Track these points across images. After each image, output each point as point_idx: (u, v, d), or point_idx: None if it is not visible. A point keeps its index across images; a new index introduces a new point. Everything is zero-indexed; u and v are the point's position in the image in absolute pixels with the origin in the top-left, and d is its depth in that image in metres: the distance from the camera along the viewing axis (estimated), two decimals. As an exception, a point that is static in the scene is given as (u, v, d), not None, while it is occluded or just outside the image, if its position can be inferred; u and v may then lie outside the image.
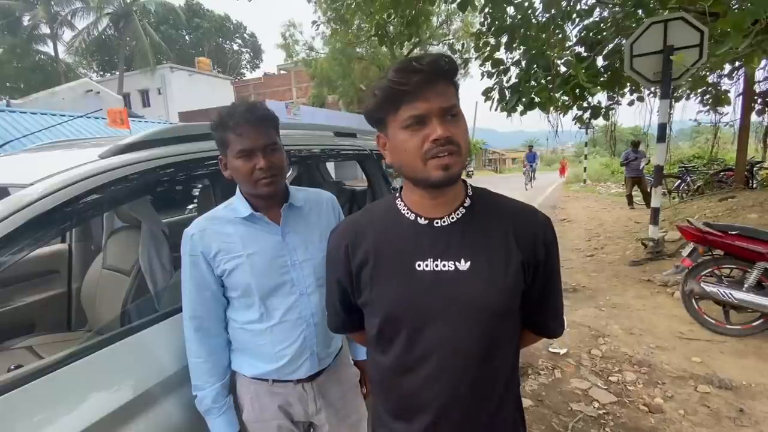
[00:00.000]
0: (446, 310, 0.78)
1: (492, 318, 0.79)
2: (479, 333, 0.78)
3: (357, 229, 0.87)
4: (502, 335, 0.82)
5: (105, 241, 1.88)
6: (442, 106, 0.71)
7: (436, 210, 0.81)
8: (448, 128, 0.71)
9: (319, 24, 12.79)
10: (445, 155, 0.72)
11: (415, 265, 0.79)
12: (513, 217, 0.82)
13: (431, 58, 0.72)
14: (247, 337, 1.13)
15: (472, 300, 0.77)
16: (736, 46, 3.02)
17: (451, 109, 0.72)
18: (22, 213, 0.93)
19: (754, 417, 2.28)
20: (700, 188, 8.73)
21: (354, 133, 2.31)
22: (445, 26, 19.58)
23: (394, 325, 0.81)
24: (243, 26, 39.10)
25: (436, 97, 0.71)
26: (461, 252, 0.78)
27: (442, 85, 0.72)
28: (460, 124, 0.74)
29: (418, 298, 0.78)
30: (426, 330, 0.79)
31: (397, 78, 0.71)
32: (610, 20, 5.42)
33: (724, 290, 3.12)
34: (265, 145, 1.05)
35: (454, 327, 0.78)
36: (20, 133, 6.89)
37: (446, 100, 0.72)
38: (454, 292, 0.77)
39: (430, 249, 0.79)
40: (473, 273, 0.77)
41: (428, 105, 0.71)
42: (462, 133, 0.74)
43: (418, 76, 0.70)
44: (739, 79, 7.26)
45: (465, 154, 0.74)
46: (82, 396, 0.96)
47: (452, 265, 0.78)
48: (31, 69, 26.79)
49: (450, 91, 0.73)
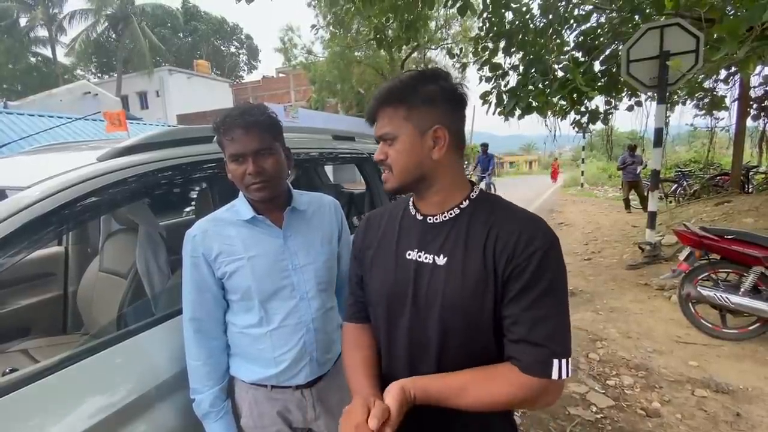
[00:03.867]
0: (419, 297, 0.84)
1: (456, 311, 0.80)
2: (444, 324, 0.81)
3: (374, 217, 1.00)
4: (474, 331, 0.79)
5: (102, 243, 1.87)
6: (377, 134, 0.85)
7: (428, 208, 0.88)
8: (384, 152, 0.84)
9: (318, 28, 12.83)
10: (383, 172, 0.87)
11: (405, 254, 0.87)
12: (500, 223, 0.80)
13: (380, 89, 0.84)
14: (246, 342, 1.13)
15: (440, 291, 0.81)
16: (731, 51, 3.05)
17: (382, 137, 0.84)
18: (20, 215, 0.93)
19: (751, 421, 2.28)
20: (697, 192, 8.77)
21: (352, 137, 2.31)
22: (444, 30, 19.65)
23: (382, 304, 0.89)
24: (240, 28, 39.16)
25: (377, 125, 0.85)
26: (442, 248, 0.83)
27: (382, 112, 0.83)
28: (393, 148, 0.83)
29: (400, 282, 0.86)
30: (401, 316, 0.86)
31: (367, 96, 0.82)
32: (607, 25, 5.46)
33: (721, 294, 3.13)
34: (256, 149, 1.04)
35: (423, 314, 0.83)
36: (18, 135, 6.87)
37: (380, 129, 0.84)
38: (427, 282, 0.83)
39: (418, 241, 0.87)
40: (446, 268, 0.82)
41: (375, 131, 0.86)
42: (393, 155, 0.83)
43: (369, 108, 0.85)
44: (735, 84, 7.32)
45: (397, 172, 0.84)
46: (78, 400, 0.96)
47: (431, 259, 0.84)
48: (28, 71, 26.74)
49: (386, 119, 0.83)
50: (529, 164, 57.06)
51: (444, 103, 0.81)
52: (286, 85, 27.71)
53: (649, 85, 4.59)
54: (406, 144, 0.82)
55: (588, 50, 5.22)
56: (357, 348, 0.95)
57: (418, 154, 0.82)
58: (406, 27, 5.35)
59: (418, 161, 0.82)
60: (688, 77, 4.49)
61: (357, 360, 0.93)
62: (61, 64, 27.33)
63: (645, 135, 6.96)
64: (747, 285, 3.06)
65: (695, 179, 9.65)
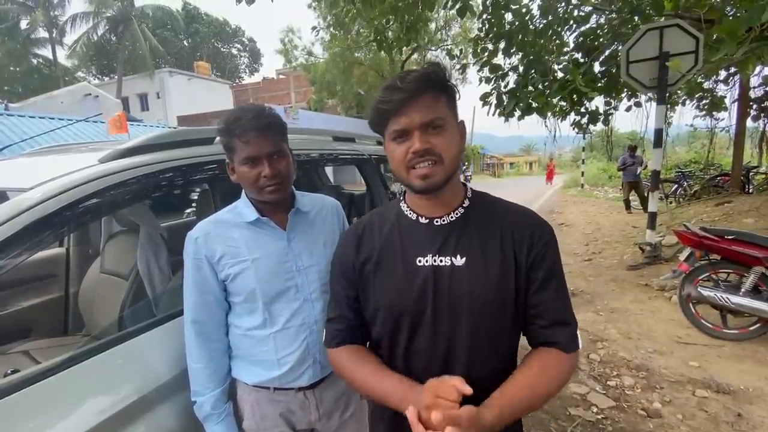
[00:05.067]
0: (442, 302, 0.82)
1: (485, 310, 0.81)
2: (474, 325, 0.81)
3: (365, 227, 0.94)
4: (498, 329, 0.83)
5: (103, 245, 1.88)
6: (422, 121, 0.77)
7: (434, 210, 0.86)
8: (429, 140, 0.77)
9: (319, 30, 12.86)
10: (424, 166, 0.78)
11: (416, 261, 0.84)
12: (508, 217, 0.85)
13: (415, 75, 0.77)
14: (249, 344, 1.12)
15: (466, 292, 0.81)
16: (731, 52, 3.05)
17: (432, 122, 0.77)
18: (22, 217, 0.93)
19: (752, 421, 2.28)
20: (697, 193, 8.77)
21: (353, 138, 2.32)
22: (444, 32, 19.70)
23: (397, 317, 0.85)
24: (241, 31, 39.21)
25: (417, 112, 0.76)
26: (457, 249, 0.83)
27: (426, 98, 0.77)
28: (443, 135, 0.78)
29: (419, 290, 0.83)
30: (424, 323, 0.83)
31: (382, 97, 0.78)
32: (606, 26, 5.47)
33: (721, 294, 3.13)
34: (270, 152, 1.05)
35: (450, 319, 0.82)
36: (19, 137, 6.87)
37: (427, 114, 0.76)
38: (449, 285, 0.81)
39: (430, 245, 0.84)
40: (467, 268, 0.81)
41: (409, 120, 0.77)
42: (444, 144, 0.78)
43: (400, 94, 0.76)
44: (735, 85, 7.32)
45: (449, 163, 0.79)
46: (79, 401, 0.96)
47: (449, 261, 0.82)
48: (29, 73, 26.78)
49: (435, 104, 0.77)
50: (530, 165, 57.10)
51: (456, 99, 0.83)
52: (287, 86, 27.74)
53: (649, 85, 4.60)
54: (453, 134, 0.80)
55: (588, 51, 5.22)
56: (363, 362, 0.89)
57: (460, 145, 0.82)
58: (406, 28, 5.36)
59: (460, 153, 0.82)
60: (688, 78, 4.49)
61: (371, 369, 0.86)
62: (62, 66, 27.39)
63: (645, 136, 6.96)
64: (747, 285, 3.06)
65: (695, 180, 9.65)
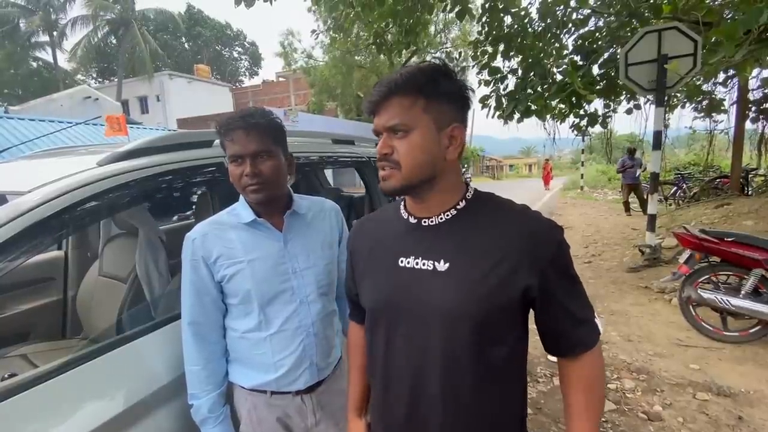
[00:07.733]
0: (417, 308, 0.78)
1: (460, 323, 0.74)
2: (448, 337, 0.76)
3: (365, 223, 0.97)
4: (487, 341, 0.76)
5: (102, 248, 1.87)
6: (385, 126, 0.76)
7: (423, 211, 0.82)
8: (392, 145, 0.76)
9: (318, 33, 12.90)
10: (384, 169, 0.78)
11: (398, 261, 0.82)
12: (513, 219, 0.79)
13: (389, 78, 0.76)
14: (245, 347, 1.12)
15: (439, 302, 0.76)
16: (729, 55, 3.06)
17: (394, 128, 0.75)
18: (20, 220, 0.93)
19: (753, 424, 2.27)
20: (696, 195, 8.78)
21: (352, 141, 2.32)
22: (443, 35, 19.78)
23: (377, 317, 0.85)
24: (243, 34, 39.34)
25: (382, 115, 0.76)
26: (443, 252, 0.78)
27: (394, 102, 0.75)
28: (405, 141, 0.75)
29: (395, 293, 0.81)
30: (400, 326, 0.81)
31: (367, 96, 0.79)
32: (605, 29, 5.49)
33: (721, 297, 3.12)
34: (255, 151, 1.04)
35: (422, 328, 0.78)
36: (18, 140, 6.87)
37: (389, 120, 0.75)
38: (425, 291, 0.77)
39: (414, 247, 0.81)
40: (450, 274, 0.76)
41: (378, 122, 0.77)
42: (405, 150, 0.75)
43: (373, 96, 0.76)
44: (734, 87, 7.34)
45: (408, 171, 0.75)
46: (77, 405, 0.95)
47: (431, 265, 0.78)
48: (29, 76, 26.84)
49: (400, 109, 0.74)
50: (529, 167, 57.20)
51: (460, 101, 0.78)
52: (286, 89, 27.78)
53: (648, 88, 4.60)
54: (422, 139, 0.75)
55: (586, 54, 5.24)
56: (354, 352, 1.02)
57: (434, 151, 0.76)
58: (405, 32, 5.39)
59: (432, 159, 0.76)
60: (687, 80, 4.50)
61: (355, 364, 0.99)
62: (62, 69, 27.46)
63: (644, 138, 6.98)
64: (747, 287, 3.06)
65: (695, 182, 9.65)
